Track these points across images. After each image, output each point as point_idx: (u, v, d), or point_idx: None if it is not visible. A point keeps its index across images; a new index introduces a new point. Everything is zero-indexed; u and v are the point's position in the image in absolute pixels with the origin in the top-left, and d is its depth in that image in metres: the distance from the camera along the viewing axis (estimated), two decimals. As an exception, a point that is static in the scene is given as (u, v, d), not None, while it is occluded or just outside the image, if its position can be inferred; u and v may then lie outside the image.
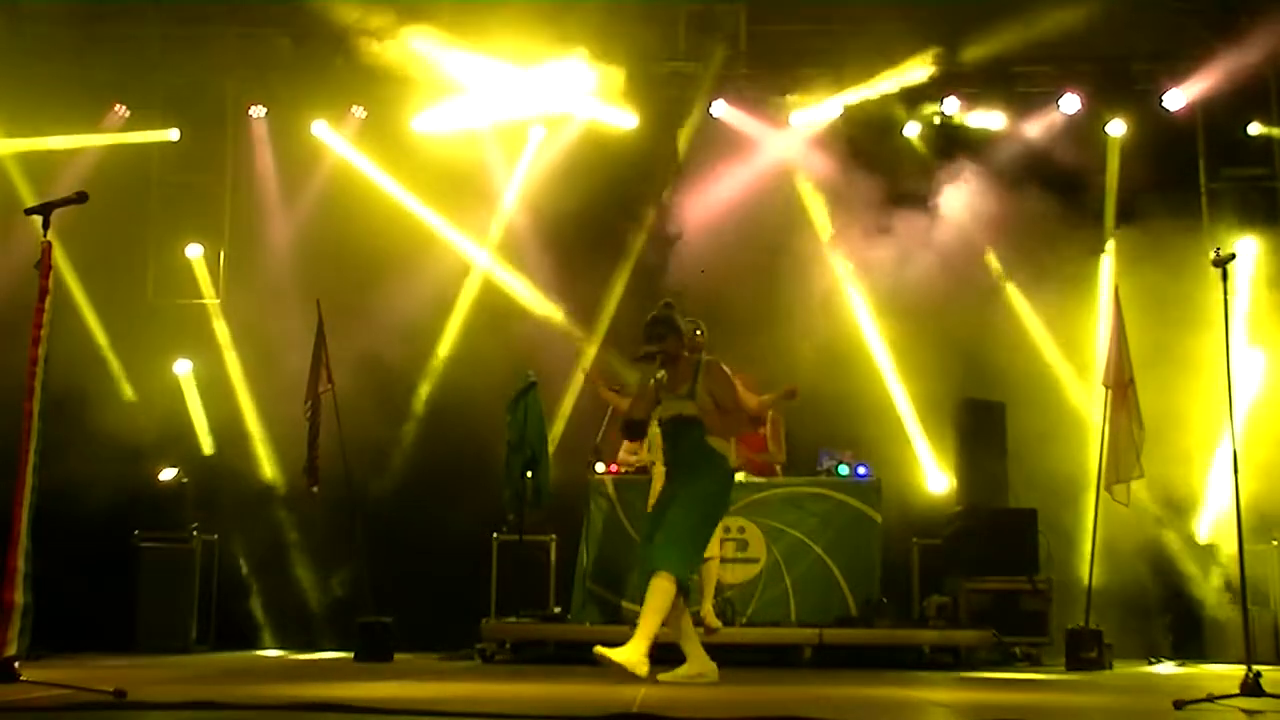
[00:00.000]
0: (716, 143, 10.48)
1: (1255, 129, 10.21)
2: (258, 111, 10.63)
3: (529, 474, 8.47)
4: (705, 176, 10.30)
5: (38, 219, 4.82)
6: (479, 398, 9.29)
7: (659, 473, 7.84)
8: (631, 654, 5.52)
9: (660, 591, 5.62)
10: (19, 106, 10.05)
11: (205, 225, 10.70)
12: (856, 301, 10.42)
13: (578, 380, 9.63)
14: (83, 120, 10.34)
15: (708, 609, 7.81)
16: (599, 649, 5.55)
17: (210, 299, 10.66)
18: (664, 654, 7.75)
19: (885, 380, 10.24)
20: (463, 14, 9.72)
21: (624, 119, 10.37)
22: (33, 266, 4.78)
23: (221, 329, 10.58)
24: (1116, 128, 10.33)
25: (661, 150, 10.42)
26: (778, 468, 8.77)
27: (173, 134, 10.61)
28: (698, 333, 8.00)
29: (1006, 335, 9.55)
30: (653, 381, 6.14)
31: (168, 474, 10.09)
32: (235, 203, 10.79)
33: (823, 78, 10.40)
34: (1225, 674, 7.10)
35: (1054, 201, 10.27)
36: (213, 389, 10.44)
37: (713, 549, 7.87)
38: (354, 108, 10.55)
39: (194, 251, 10.67)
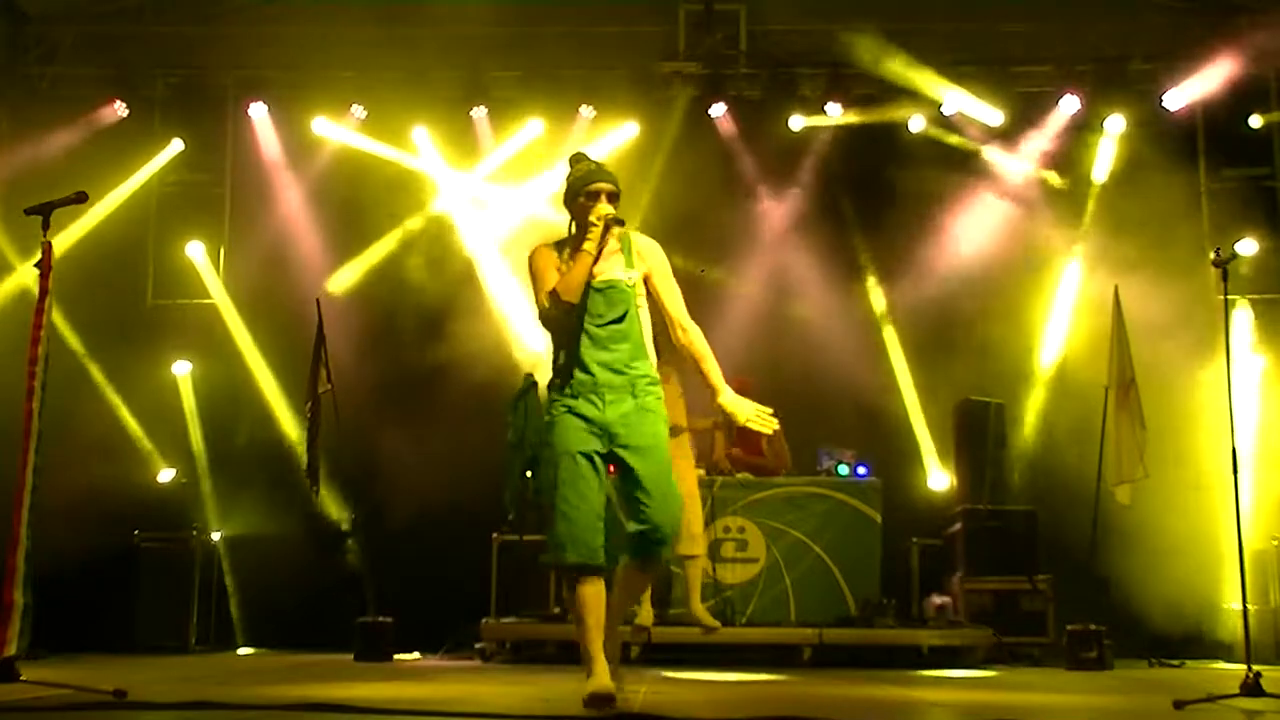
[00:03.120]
0: (715, 142, 10.48)
1: (1256, 121, 10.19)
2: (258, 111, 10.62)
3: (529, 474, 8.45)
4: (702, 176, 10.28)
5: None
6: (479, 397, 9.27)
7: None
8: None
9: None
10: (20, 107, 10.05)
11: (205, 225, 10.69)
12: (857, 302, 10.41)
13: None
14: (82, 120, 10.34)
15: (699, 608, 7.77)
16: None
17: (210, 299, 10.65)
18: (670, 656, 7.80)
19: (885, 380, 10.23)
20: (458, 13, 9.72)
21: (624, 123, 10.37)
22: (32, 266, 4.77)
23: (221, 329, 10.57)
24: (1116, 128, 10.32)
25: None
26: (782, 470, 8.79)
27: (176, 145, 10.61)
28: None
29: (1007, 335, 9.55)
30: (567, 252, 4.62)
31: (167, 474, 10.11)
32: (235, 202, 10.77)
33: (823, 77, 10.39)
34: (1225, 674, 7.10)
35: (1053, 201, 10.29)
36: (212, 389, 10.43)
37: (699, 547, 7.74)
38: (354, 107, 10.53)
39: (194, 251, 10.67)
